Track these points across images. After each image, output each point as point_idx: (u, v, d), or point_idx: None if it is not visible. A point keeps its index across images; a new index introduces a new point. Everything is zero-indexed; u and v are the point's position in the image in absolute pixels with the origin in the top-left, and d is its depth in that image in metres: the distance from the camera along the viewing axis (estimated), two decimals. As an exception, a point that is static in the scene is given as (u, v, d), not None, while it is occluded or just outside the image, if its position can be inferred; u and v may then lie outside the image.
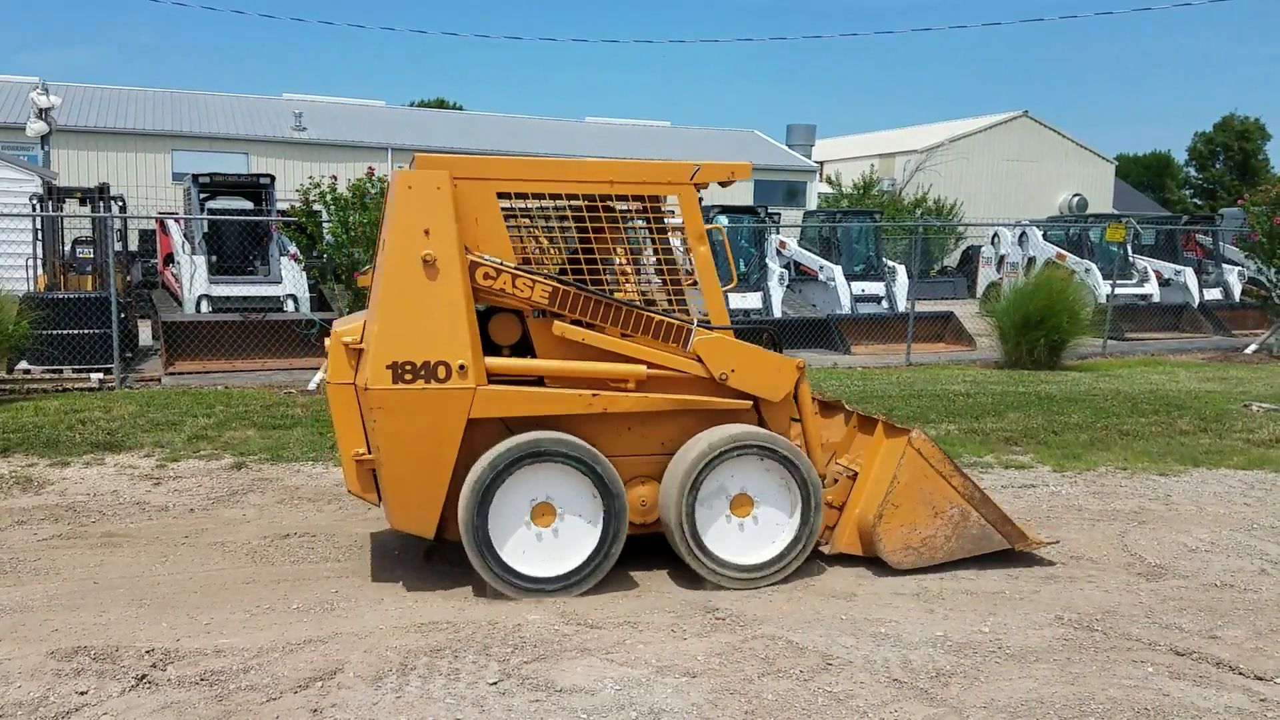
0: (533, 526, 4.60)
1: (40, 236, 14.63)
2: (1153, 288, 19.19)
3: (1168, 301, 18.93)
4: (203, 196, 15.21)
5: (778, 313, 16.20)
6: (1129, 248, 19.64)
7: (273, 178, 15.32)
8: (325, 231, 12.06)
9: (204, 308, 13.39)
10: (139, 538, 5.58)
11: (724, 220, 16.77)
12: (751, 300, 16.31)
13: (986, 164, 40.10)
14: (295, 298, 13.85)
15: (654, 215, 5.00)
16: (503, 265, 4.58)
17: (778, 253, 18.00)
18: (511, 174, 4.71)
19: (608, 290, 4.79)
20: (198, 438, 8.09)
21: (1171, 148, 74.48)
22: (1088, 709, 3.57)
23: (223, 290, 13.66)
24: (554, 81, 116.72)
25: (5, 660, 3.87)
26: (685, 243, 4.94)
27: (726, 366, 4.85)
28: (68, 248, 15.61)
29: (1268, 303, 16.67)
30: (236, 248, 14.93)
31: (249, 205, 16.44)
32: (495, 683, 3.71)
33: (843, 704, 3.60)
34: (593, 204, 4.84)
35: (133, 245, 20.49)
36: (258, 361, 11.85)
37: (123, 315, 11.67)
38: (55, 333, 11.07)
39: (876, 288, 18.00)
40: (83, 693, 3.60)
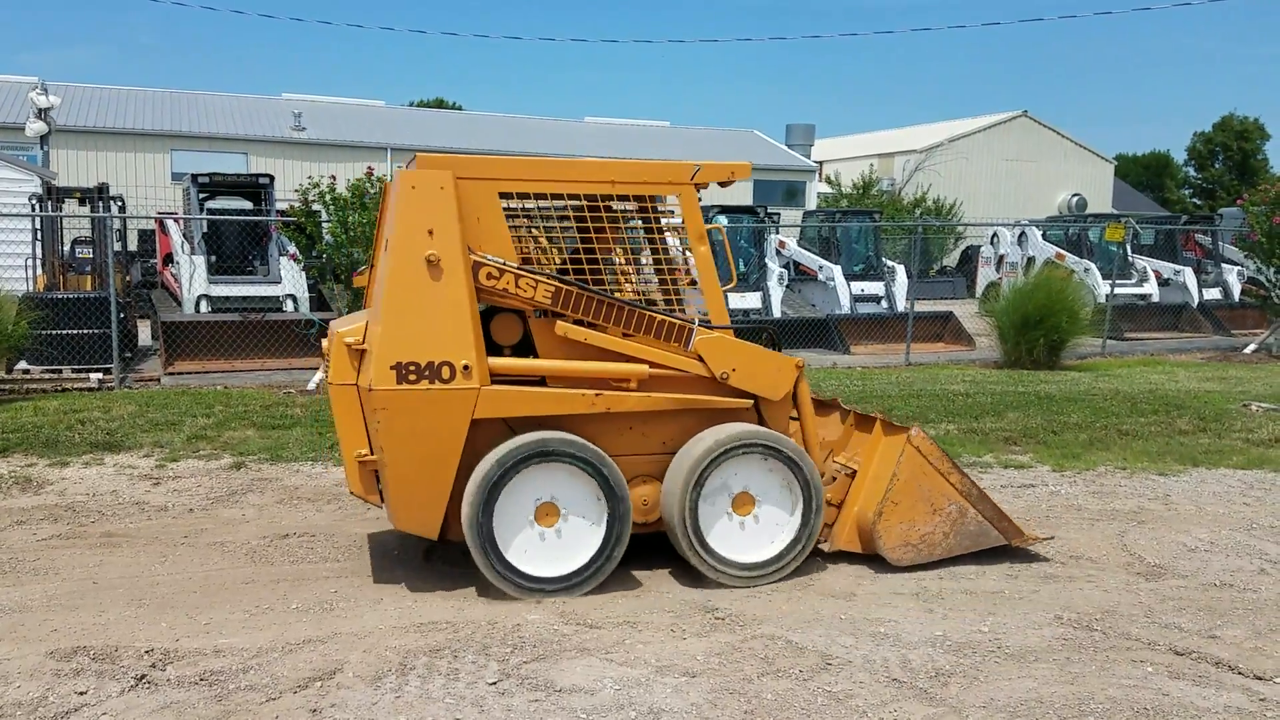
0: (536, 526, 4.60)
1: (39, 236, 14.62)
2: (1152, 287, 19.19)
3: (1167, 301, 18.93)
4: (202, 196, 15.22)
5: (777, 312, 16.20)
6: (1128, 247, 19.65)
7: (272, 178, 15.31)
8: (324, 231, 12.05)
9: (203, 308, 13.40)
10: (138, 538, 5.58)
11: (723, 220, 16.76)
12: (751, 300, 16.30)
13: (986, 164, 40.12)
14: (294, 298, 13.86)
15: (654, 215, 5.01)
16: (506, 265, 4.58)
17: (777, 253, 17.99)
18: (514, 174, 4.71)
19: (609, 290, 4.80)
20: (197, 438, 8.09)
21: (1171, 147, 74.45)
22: (1087, 709, 3.58)
23: (222, 290, 13.67)
24: (553, 81, 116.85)
25: (4, 660, 3.87)
26: (686, 242, 4.95)
27: (728, 366, 4.86)
28: (67, 248, 15.61)
29: (1267, 302, 16.68)
30: (236, 248, 14.93)
31: (248, 205, 16.43)
32: (495, 683, 3.71)
33: (842, 704, 3.60)
34: (594, 204, 4.84)
35: (132, 245, 20.49)
36: (257, 361, 11.85)
37: (122, 315, 11.66)
38: (54, 333, 11.07)
39: (876, 288, 17.99)
40: (82, 693, 3.60)
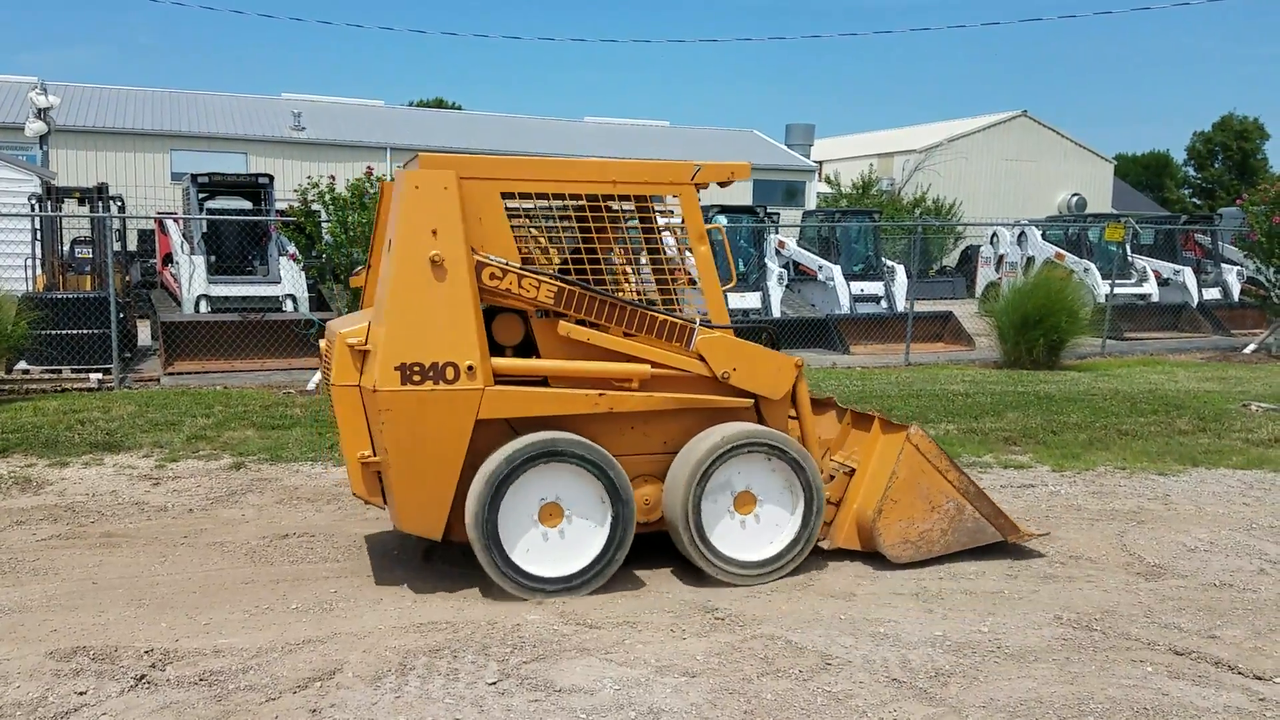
0: (540, 526, 4.60)
1: (39, 236, 14.62)
2: (1151, 287, 19.19)
3: (1166, 301, 18.93)
4: (201, 196, 15.21)
5: (777, 312, 16.19)
6: (1128, 247, 19.64)
7: (271, 177, 15.31)
8: (324, 231, 12.04)
9: (203, 308, 13.39)
10: (138, 538, 5.58)
11: (723, 220, 16.74)
12: (750, 300, 16.29)
13: (985, 164, 40.12)
14: (294, 298, 13.85)
15: (655, 215, 5.01)
16: (509, 265, 4.58)
17: (777, 252, 17.98)
18: (516, 174, 4.71)
19: (610, 290, 4.81)
20: (197, 438, 8.09)
21: (1170, 147, 74.39)
22: (1087, 709, 3.58)
23: (221, 290, 13.66)
24: (553, 81, 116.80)
25: (4, 660, 3.87)
26: (686, 242, 4.96)
27: (729, 365, 4.87)
28: (66, 248, 15.61)
29: (1266, 302, 16.68)
30: (235, 248, 14.91)
31: (248, 205, 16.42)
32: (494, 683, 3.71)
33: (842, 704, 3.60)
34: (595, 204, 4.85)
35: (131, 245, 20.48)
36: (257, 361, 11.85)
37: (121, 315, 11.65)
38: (54, 333, 11.06)
39: (875, 287, 17.97)
40: (82, 693, 3.60)
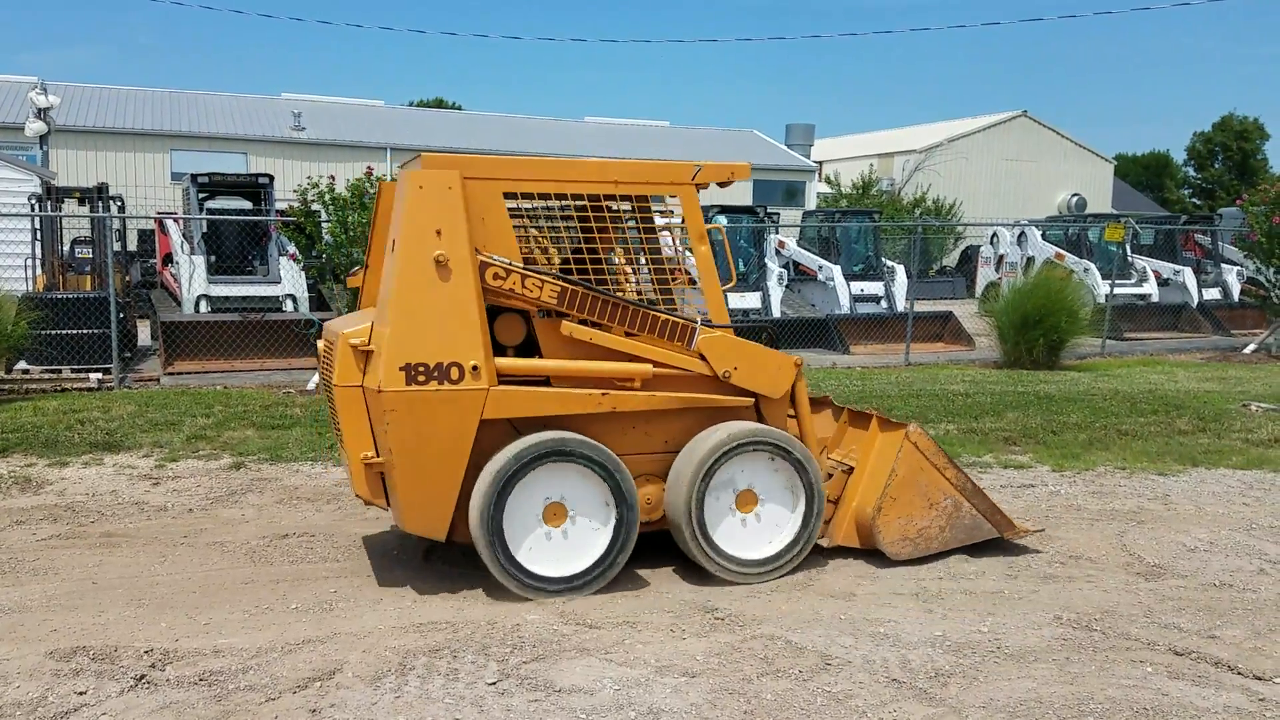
0: (544, 525, 4.61)
1: (39, 236, 14.62)
2: (1151, 287, 19.19)
3: (1166, 301, 18.93)
4: (201, 196, 15.21)
5: (777, 312, 16.19)
6: (1128, 247, 19.64)
7: (271, 177, 15.30)
8: (324, 231, 12.05)
9: (203, 308, 13.39)
10: (138, 538, 5.58)
11: (723, 220, 16.74)
12: (750, 300, 16.28)
13: (985, 164, 40.12)
14: (294, 298, 13.85)
15: (656, 215, 5.02)
16: (512, 265, 4.58)
17: (777, 252, 17.98)
18: (519, 174, 4.71)
19: (612, 290, 4.81)
20: (196, 438, 8.09)
21: (1170, 147, 74.36)
22: (1086, 709, 3.58)
23: (221, 290, 13.65)
24: (553, 81, 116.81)
25: (4, 660, 3.87)
26: (686, 242, 4.96)
27: (729, 364, 4.88)
28: (66, 248, 15.61)
29: (1266, 302, 16.68)
30: (235, 248, 14.91)
31: (248, 205, 16.42)
32: (494, 683, 3.71)
33: (841, 704, 3.60)
34: (597, 204, 4.86)
35: (131, 245, 20.49)
36: (256, 361, 11.85)
37: (121, 315, 11.65)
38: (54, 333, 11.06)
39: (875, 287, 17.97)
40: (81, 693, 3.60)
